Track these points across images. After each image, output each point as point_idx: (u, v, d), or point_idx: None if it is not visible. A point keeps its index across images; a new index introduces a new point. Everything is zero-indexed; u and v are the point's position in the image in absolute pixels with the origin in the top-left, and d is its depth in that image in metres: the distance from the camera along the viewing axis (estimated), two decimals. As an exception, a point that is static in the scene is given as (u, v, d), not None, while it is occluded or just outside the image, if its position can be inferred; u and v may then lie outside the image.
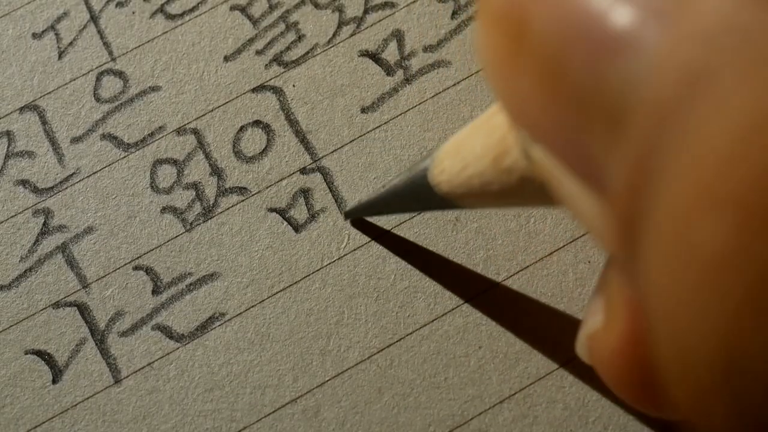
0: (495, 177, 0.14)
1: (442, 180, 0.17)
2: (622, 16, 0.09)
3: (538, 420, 0.21)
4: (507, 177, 0.14)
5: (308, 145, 0.23)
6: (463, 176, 0.15)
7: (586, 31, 0.10)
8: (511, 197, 0.14)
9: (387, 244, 0.22)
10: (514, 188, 0.14)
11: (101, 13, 0.25)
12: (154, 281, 0.23)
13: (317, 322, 0.22)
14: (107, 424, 0.21)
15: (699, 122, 0.08)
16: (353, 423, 0.21)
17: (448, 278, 0.22)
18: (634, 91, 0.09)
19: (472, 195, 0.15)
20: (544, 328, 0.22)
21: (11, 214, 0.23)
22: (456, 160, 0.16)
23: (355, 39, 0.24)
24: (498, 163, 0.14)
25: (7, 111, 0.24)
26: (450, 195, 0.17)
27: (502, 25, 0.11)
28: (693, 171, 0.08)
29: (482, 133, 0.15)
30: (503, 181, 0.14)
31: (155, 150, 0.24)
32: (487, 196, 0.15)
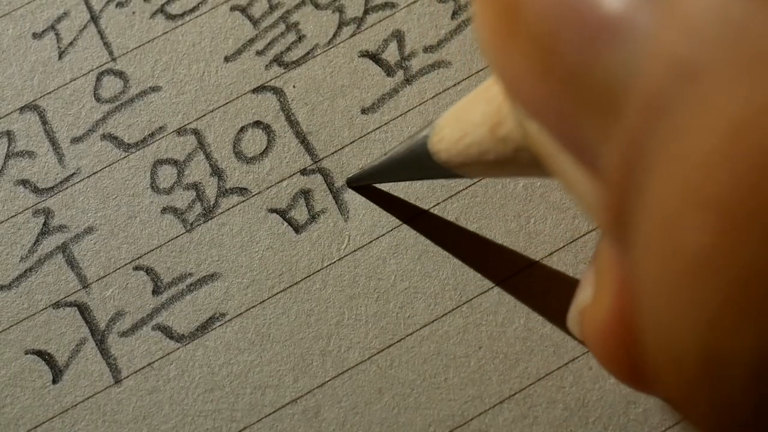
0: (492, 146, 0.14)
1: (441, 148, 0.17)
2: (614, 1, 0.09)
3: (538, 420, 0.21)
4: (503, 146, 0.14)
5: (309, 145, 0.24)
6: (461, 145, 0.15)
7: (578, 12, 0.10)
8: (507, 166, 0.14)
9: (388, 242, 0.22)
10: (510, 158, 0.14)
11: (101, 13, 0.25)
12: (155, 281, 0.23)
13: (317, 323, 0.22)
14: (107, 424, 0.21)
15: (686, 118, 0.08)
16: (353, 423, 0.21)
17: (449, 279, 0.22)
18: (626, 78, 0.09)
19: (469, 163, 0.16)
20: (544, 329, 0.22)
21: (11, 214, 0.23)
22: (455, 129, 0.16)
23: (355, 39, 0.24)
24: (494, 132, 0.14)
25: (8, 111, 0.24)
26: (448, 163, 0.17)
27: (497, 5, 0.11)
28: (679, 169, 0.08)
29: (481, 102, 0.15)
30: (499, 150, 0.14)
31: (155, 150, 0.24)
32: (484, 165, 0.15)
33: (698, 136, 0.08)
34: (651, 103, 0.09)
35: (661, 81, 0.09)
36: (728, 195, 0.08)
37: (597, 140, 0.10)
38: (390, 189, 0.23)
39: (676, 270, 0.09)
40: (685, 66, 0.09)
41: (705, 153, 0.08)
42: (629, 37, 0.09)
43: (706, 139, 0.08)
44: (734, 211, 0.08)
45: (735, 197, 0.08)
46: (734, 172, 0.08)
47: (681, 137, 0.09)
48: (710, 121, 0.08)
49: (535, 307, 0.22)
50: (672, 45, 0.09)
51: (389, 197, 0.23)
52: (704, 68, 0.08)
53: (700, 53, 0.08)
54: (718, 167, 0.08)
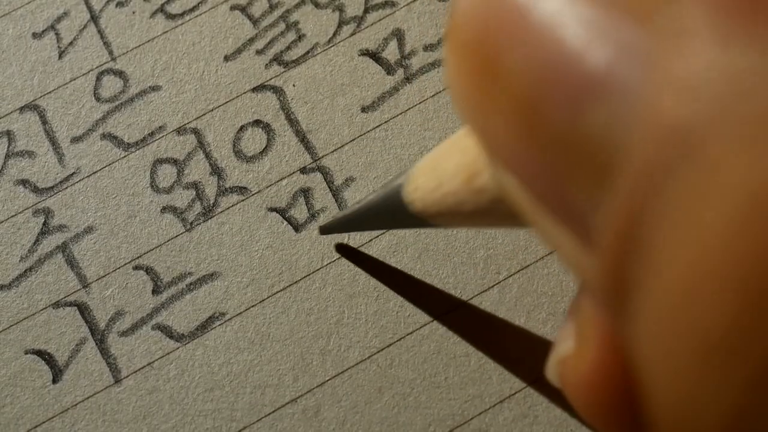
0: (468, 197, 0.14)
1: (416, 198, 0.16)
2: (599, 57, 0.09)
3: (538, 420, 0.21)
4: (479, 198, 0.13)
5: (308, 144, 0.23)
6: (436, 195, 0.15)
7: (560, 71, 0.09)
8: (484, 218, 0.14)
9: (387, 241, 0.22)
10: (488, 209, 0.13)
11: (101, 13, 0.25)
12: (154, 281, 0.23)
13: (317, 322, 0.22)
14: (107, 424, 0.21)
15: (695, 187, 0.08)
16: (353, 423, 0.21)
17: (449, 278, 0.22)
18: (617, 142, 0.08)
19: (445, 214, 0.15)
20: (544, 328, 0.22)
21: (11, 214, 0.23)
22: (430, 178, 0.15)
23: (355, 38, 0.24)
24: (471, 183, 0.14)
25: (7, 111, 0.24)
26: (423, 213, 0.16)
27: (473, 60, 0.10)
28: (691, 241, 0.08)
29: (457, 152, 0.14)
30: (476, 201, 0.14)
31: (155, 149, 0.24)
32: (460, 215, 0.14)
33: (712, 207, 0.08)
34: (650, 170, 0.08)
35: (660, 148, 0.08)
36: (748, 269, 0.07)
37: (587, 206, 0.09)
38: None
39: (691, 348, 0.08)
40: (687, 131, 0.08)
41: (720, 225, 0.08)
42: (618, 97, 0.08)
43: (721, 209, 0.08)
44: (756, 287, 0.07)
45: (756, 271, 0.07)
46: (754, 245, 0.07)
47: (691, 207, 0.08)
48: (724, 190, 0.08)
49: (535, 307, 0.22)
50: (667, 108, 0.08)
51: None
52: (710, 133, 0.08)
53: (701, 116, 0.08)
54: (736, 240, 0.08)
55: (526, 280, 0.22)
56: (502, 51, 0.10)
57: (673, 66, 0.08)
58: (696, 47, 0.08)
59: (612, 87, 0.08)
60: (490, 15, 0.10)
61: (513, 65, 0.09)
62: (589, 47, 0.09)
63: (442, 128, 0.23)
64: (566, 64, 0.09)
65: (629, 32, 0.09)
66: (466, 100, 0.10)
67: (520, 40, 0.09)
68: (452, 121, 0.23)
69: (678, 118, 0.08)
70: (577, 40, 0.09)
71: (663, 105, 0.08)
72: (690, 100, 0.08)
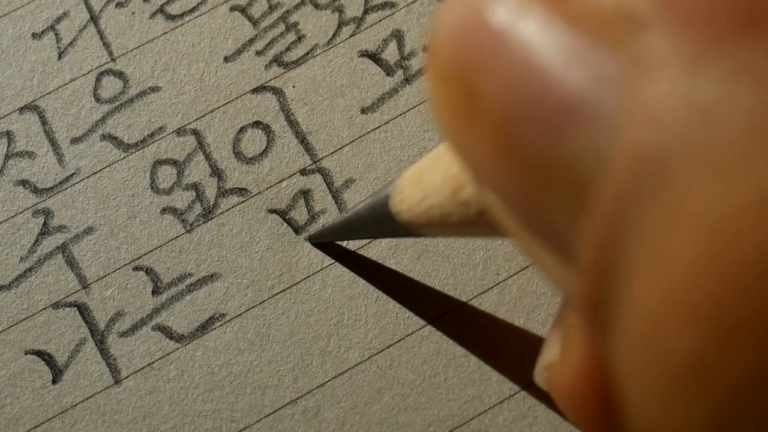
0: (454, 209, 0.14)
1: (403, 209, 0.16)
2: (574, 84, 0.09)
3: (538, 420, 0.21)
4: (465, 209, 0.13)
5: (308, 146, 0.23)
6: (423, 206, 0.15)
7: (537, 97, 0.09)
8: (471, 229, 0.14)
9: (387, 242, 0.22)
10: (474, 221, 0.13)
11: (101, 14, 0.25)
12: (154, 282, 0.23)
13: (317, 323, 0.22)
14: (107, 425, 0.21)
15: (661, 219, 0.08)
16: (353, 423, 0.21)
17: (448, 279, 0.22)
18: (593, 166, 0.09)
19: (432, 225, 0.15)
20: (543, 328, 0.22)
21: (11, 215, 0.23)
22: (416, 190, 0.15)
23: (355, 39, 0.24)
24: (456, 195, 0.14)
25: (7, 111, 0.24)
26: (410, 224, 0.16)
27: (452, 84, 0.10)
28: (659, 272, 0.08)
29: (442, 164, 0.14)
30: (462, 213, 0.14)
31: (155, 150, 0.24)
32: (447, 226, 0.14)
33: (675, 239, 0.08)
34: (620, 197, 0.08)
35: (628, 175, 0.08)
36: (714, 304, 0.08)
37: (566, 227, 0.09)
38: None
39: (662, 375, 0.08)
40: (652, 159, 0.08)
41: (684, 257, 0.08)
42: (591, 123, 0.09)
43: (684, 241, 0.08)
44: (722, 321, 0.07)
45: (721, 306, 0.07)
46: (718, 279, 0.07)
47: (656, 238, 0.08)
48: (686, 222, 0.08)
49: (534, 308, 0.22)
50: (636, 136, 0.08)
51: None
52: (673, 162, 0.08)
53: (666, 145, 0.08)
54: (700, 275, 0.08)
55: (526, 281, 0.22)
56: (480, 75, 0.10)
57: (642, 94, 0.08)
58: (663, 76, 0.08)
59: (586, 112, 0.09)
60: (468, 40, 0.10)
61: (491, 90, 0.10)
62: (565, 73, 0.09)
63: (442, 129, 0.23)
64: (542, 89, 0.09)
65: (603, 59, 0.09)
66: (447, 122, 0.11)
67: (497, 66, 0.09)
68: (452, 122, 0.23)
69: (646, 146, 0.08)
70: (553, 65, 0.09)
71: (633, 133, 0.08)
72: (657, 129, 0.08)
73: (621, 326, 0.09)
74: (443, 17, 0.10)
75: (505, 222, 0.11)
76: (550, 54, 0.09)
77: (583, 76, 0.09)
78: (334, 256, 0.22)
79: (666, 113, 0.08)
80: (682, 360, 0.08)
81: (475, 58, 0.10)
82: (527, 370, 0.21)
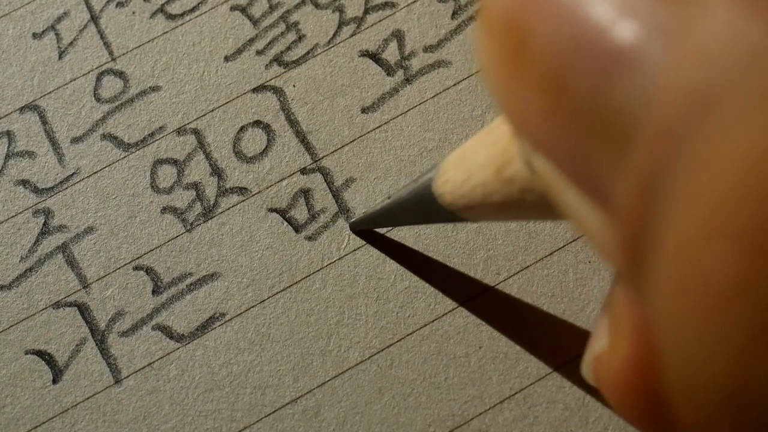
0: (497, 187, 0.14)
1: (446, 190, 0.16)
2: (625, 32, 0.09)
3: (538, 420, 0.21)
4: (509, 187, 0.14)
5: (308, 145, 0.23)
6: (466, 186, 0.15)
7: (587, 45, 0.09)
8: (513, 209, 0.14)
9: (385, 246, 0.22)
10: (516, 199, 0.14)
11: (101, 13, 0.25)
12: (155, 281, 0.23)
13: (317, 323, 0.22)
14: (107, 424, 0.21)
15: (705, 149, 0.08)
16: (353, 423, 0.21)
17: (449, 278, 0.22)
18: (638, 111, 0.09)
19: (474, 206, 0.15)
20: (544, 329, 0.22)
21: (11, 214, 0.23)
22: (460, 171, 0.16)
23: (355, 39, 0.24)
24: (500, 173, 0.14)
25: (8, 111, 0.24)
26: (453, 206, 0.16)
27: (502, 35, 0.10)
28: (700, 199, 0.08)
29: (486, 144, 0.15)
30: (505, 191, 0.14)
31: (155, 150, 0.24)
32: (489, 207, 0.15)
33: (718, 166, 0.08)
34: (665, 133, 0.09)
35: (675, 111, 0.08)
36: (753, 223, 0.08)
37: (609, 174, 0.09)
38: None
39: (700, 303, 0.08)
40: (701, 95, 0.08)
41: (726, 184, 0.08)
42: (641, 69, 0.09)
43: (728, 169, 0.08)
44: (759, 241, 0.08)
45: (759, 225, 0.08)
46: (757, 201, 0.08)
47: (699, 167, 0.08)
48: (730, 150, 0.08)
49: (535, 307, 0.22)
50: (686, 75, 0.08)
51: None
52: (721, 97, 0.08)
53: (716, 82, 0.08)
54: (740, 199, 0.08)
55: (526, 281, 0.22)
56: (532, 25, 0.10)
57: (693, 36, 0.08)
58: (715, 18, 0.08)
59: (636, 60, 0.09)
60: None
61: (542, 39, 0.10)
62: (615, 22, 0.09)
63: (442, 129, 0.23)
64: (593, 38, 0.09)
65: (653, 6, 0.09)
66: (497, 74, 0.11)
67: (549, 15, 0.10)
68: (452, 121, 0.23)
69: (695, 82, 0.08)
70: (604, 14, 0.09)
71: (682, 71, 0.08)
72: (707, 67, 0.08)
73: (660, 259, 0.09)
74: None
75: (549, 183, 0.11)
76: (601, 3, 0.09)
77: (634, 25, 0.09)
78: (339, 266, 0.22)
79: (715, 51, 0.08)
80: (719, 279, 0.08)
81: (527, 7, 0.10)
82: (527, 370, 0.21)
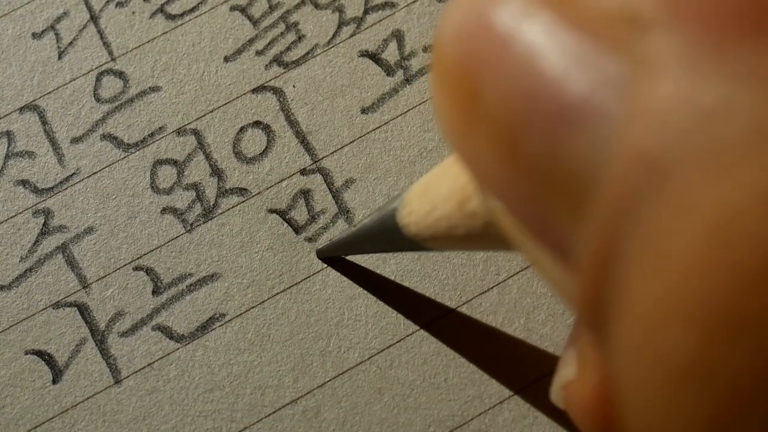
0: (461, 221, 0.14)
1: (410, 221, 0.16)
2: (576, 86, 0.09)
3: (538, 420, 0.21)
4: (472, 221, 0.14)
5: (308, 145, 0.23)
6: (430, 218, 0.15)
7: (539, 99, 0.09)
8: (478, 241, 0.14)
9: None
10: (480, 233, 0.14)
11: (101, 13, 0.25)
12: (155, 282, 0.23)
13: (317, 323, 0.22)
14: (107, 425, 0.21)
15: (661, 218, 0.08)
16: (353, 423, 0.21)
17: (449, 279, 0.22)
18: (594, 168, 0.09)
19: (439, 238, 0.15)
20: (544, 329, 0.22)
21: (11, 215, 0.23)
22: (424, 202, 0.15)
23: (355, 39, 0.24)
24: (463, 207, 0.14)
25: (7, 111, 0.24)
26: (418, 237, 0.16)
27: (455, 86, 0.10)
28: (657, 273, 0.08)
29: (449, 176, 0.14)
30: (468, 225, 0.14)
31: (155, 150, 0.24)
32: (453, 239, 0.15)
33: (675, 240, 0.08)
34: (621, 199, 0.08)
35: (630, 176, 0.08)
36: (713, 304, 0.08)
37: (567, 231, 0.09)
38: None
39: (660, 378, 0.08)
40: (654, 160, 0.08)
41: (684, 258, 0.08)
42: (594, 126, 0.09)
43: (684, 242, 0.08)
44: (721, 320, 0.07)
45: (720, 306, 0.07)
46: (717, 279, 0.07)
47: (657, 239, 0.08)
48: (687, 223, 0.08)
49: (534, 308, 0.22)
50: (639, 138, 0.08)
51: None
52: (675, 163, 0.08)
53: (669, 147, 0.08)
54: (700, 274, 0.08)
55: (526, 281, 0.22)
56: (484, 77, 0.10)
57: (645, 96, 0.08)
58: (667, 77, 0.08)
59: (589, 116, 0.09)
60: (472, 42, 0.10)
61: (494, 92, 0.10)
62: (569, 76, 0.09)
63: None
64: (545, 93, 0.09)
65: (606, 62, 0.09)
66: (450, 124, 0.11)
67: (501, 68, 0.09)
68: (452, 122, 0.23)
69: (648, 148, 0.08)
70: (557, 69, 0.09)
71: (635, 135, 0.08)
72: (659, 131, 0.08)
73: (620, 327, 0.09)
74: (447, 18, 0.10)
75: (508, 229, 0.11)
76: (555, 57, 0.09)
77: (587, 80, 0.09)
78: (340, 268, 0.22)
79: (669, 114, 0.08)
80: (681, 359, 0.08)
81: (479, 60, 0.10)
82: (527, 371, 0.22)
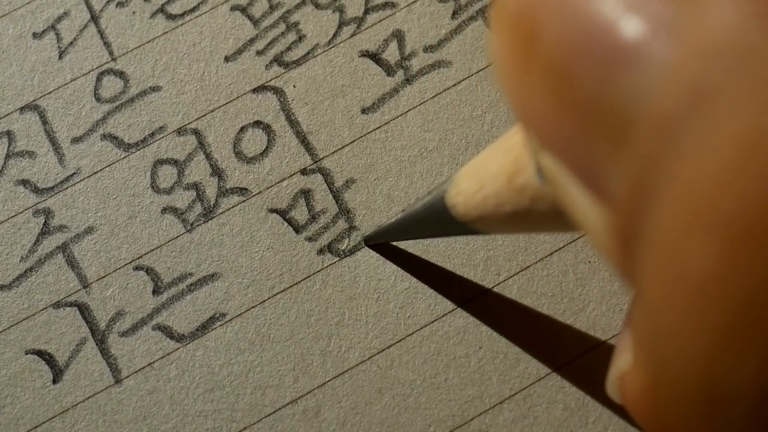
0: (509, 197, 0.14)
1: (459, 201, 0.17)
2: (630, 28, 0.09)
3: (538, 420, 0.21)
4: (520, 196, 0.14)
5: (309, 145, 0.24)
6: (478, 197, 0.15)
7: (594, 41, 0.10)
8: (524, 219, 0.14)
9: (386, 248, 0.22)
10: (527, 209, 0.14)
11: (102, 13, 0.25)
12: (155, 281, 0.23)
13: (318, 323, 0.22)
14: (107, 424, 0.21)
15: (697, 142, 0.08)
16: (353, 423, 0.21)
17: (449, 279, 0.22)
18: (639, 105, 0.09)
19: (486, 216, 0.15)
20: (544, 329, 0.22)
21: (12, 214, 0.23)
22: (472, 181, 0.16)
23: (355, 39, 0.24)
24: (512, 182, 0.14)
25: (8, 111, 0.24)
26: (465, 217, 0.17)
27: (513, 30, 0.11)
28: (687, 192, 0.08)
29: (498, 154, 0.15)
30: (516, 201, 0.14)
31: (156, 150, 0.24)
32: (501, 217, 0.15)
33: (706, 160, 0.08)
34: (662, 127, 0.09)
35: (673, 105, 0.09)
36: (734, 218, 0.08)
37: (608, 166, 0.10)
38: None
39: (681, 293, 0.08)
40: (698, 89, 0.08)
41: (712, 176, 0.08)
42: (645, 64, 0.09)
43: (714, 162, 0.08)
44: (740, 235, 0.08)
45: (741, 220, 0.08)
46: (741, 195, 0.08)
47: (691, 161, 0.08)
48: (718, 144, 0.08)
49: (535, 308, 0.22)
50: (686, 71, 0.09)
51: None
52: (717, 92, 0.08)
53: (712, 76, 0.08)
54: (725, 190, 0.08)
55: (526, 281, 0.22)
56: (543, 17, 0.10)
57: (694, 32, 0.09)
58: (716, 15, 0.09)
59: (641, 56, 0.09)
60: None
61: (552, 30, 0.10)
62: (622, 17, 0.09)
63: (442, 129, 0.23)
64: (600, 32, 0.10)
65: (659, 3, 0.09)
66: (507, 65, 0.11)
67: (560, 8, 0.10)
68: (452, 122, 0.24)
69: (693, 77, 0.09)
70: (611, 10, 0.09)
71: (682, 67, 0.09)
72: (705, 61, 0.08)
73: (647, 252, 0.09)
74: None
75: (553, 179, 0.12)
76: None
77: (640, 21, 0.09)
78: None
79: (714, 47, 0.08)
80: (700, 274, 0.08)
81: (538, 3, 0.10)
82: (527, 370, 0.21)
